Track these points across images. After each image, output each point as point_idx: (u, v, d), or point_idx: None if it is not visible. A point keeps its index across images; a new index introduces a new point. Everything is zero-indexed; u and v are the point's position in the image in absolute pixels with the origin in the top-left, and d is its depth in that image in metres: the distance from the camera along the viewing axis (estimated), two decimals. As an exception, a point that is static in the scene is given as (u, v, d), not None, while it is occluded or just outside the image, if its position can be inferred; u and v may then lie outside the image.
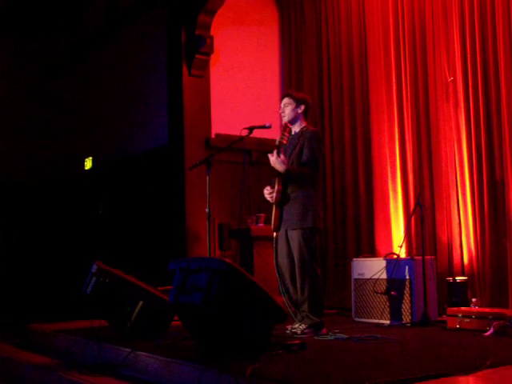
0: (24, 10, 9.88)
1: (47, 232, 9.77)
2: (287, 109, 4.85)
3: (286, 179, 4.67)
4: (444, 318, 5.08)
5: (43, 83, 10.23)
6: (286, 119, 4.85)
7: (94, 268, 4.91)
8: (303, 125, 4.88)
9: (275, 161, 4.61)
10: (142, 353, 3.96)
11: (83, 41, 9.78)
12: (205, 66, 7.29)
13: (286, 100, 4.88)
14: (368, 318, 5.61)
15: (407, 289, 5.32)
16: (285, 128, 4.80)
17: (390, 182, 6.59)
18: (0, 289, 8.58)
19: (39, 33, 10.14)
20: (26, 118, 10.01)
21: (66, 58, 10.20)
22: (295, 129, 4.89)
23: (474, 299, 5.16)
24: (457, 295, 5.53)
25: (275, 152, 4.62)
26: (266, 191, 4.81)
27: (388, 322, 5.41)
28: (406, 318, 5.30)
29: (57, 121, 10.16)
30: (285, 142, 4.74)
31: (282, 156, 4.61)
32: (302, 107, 4.87)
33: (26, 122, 10.01)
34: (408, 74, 6.51)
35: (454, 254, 5.93)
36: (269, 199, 4.80)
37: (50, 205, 9.97)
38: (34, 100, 10.14)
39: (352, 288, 5.83)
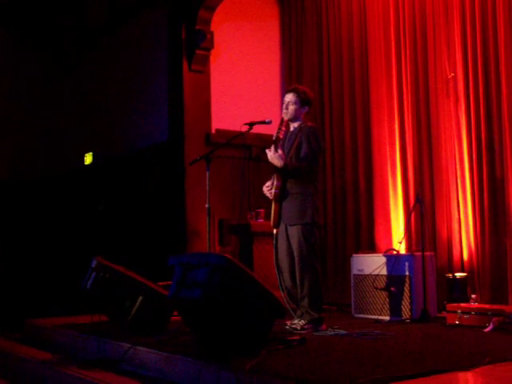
0: (25, 8, 9.85)
1: (47, 227, 9.76)
2: (291, 108, 4.77)
3: (284, 174, 4.66)
4: (443, 314, 5.08)
5: (44, 80, 10.21)
6: (287, 117, 4.80)
7: (94, 263, 4.92)
8: (302, 121, 4.85)
9: (273, 156, 4.59)
10: (142, 348, 3.96)
11: (84, 38, 9.76)
12: (205, 62, 7.28)
13: (290, 96, 4.79)
14: (367, 313, 5.61)
15: (407, 285, 5.33)
16: (281, 122, 4.76)
17: (389, 177, 6.58)
18: (0, 284, 8.58)
19: (40, 30, 10.12)
20: (25, 115, 9.98)
21: (66, 54, 10.18)
22: (294, 125, 4.86)
23: (473, 295, 5.15)
24: (456, 291, 5.53)
25: (273, 147, 4.60)
26: (266, 187, 4.80)
27: (387, 318, 5.42)
28: (406, 314, 5.30)
29: (57, 117, 10.14)
30: (281, 136, 4.72)
31: (279, 151, 4.60)
32: (306, 109, 4.83)
33: (26, 119, 9.98)
34: (408, 71, 6.49)
35: (454, 250, 5.93)
36: (268, 195, 4.79)
37: (50, 200, 9.97)
38: (34, 96, 10.11)
39: (351, 284, 5.84)
